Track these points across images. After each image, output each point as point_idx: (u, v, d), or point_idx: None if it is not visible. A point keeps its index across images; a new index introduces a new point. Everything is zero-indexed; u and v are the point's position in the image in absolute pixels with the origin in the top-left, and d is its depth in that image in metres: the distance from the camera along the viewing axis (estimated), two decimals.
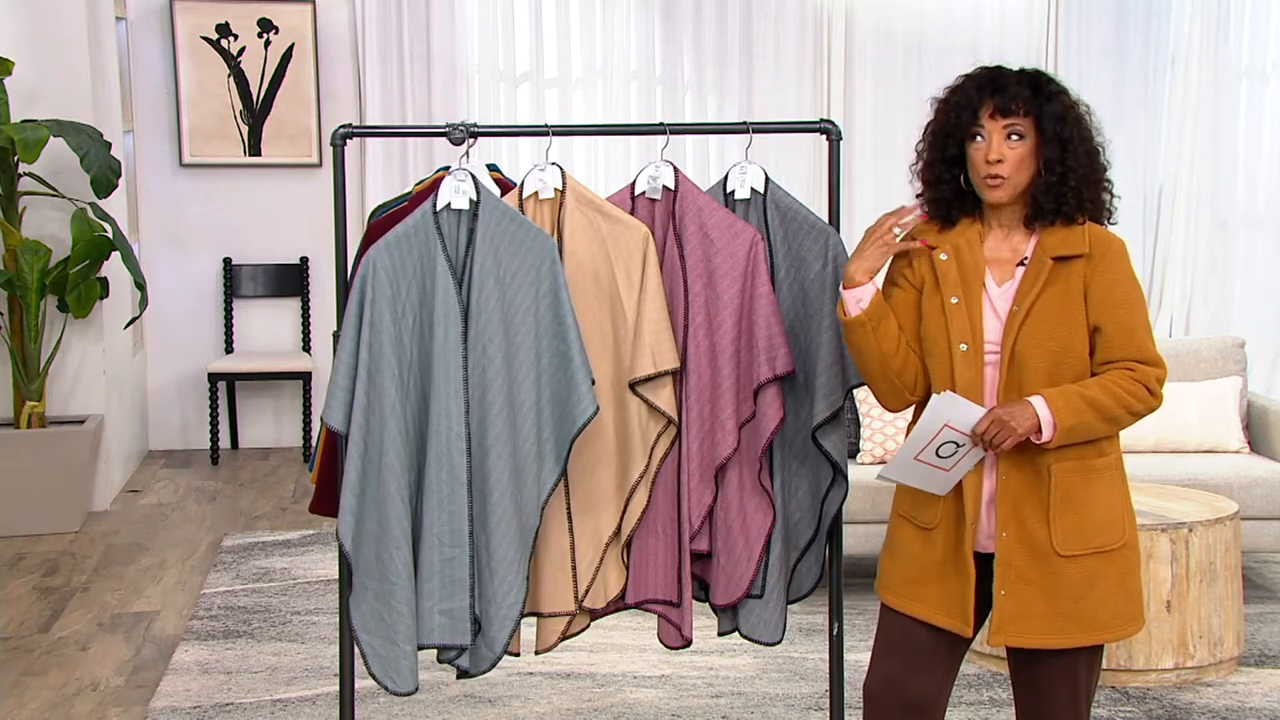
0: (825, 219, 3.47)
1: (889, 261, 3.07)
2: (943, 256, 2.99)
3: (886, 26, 8.20)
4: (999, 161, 2.90)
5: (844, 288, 3.01)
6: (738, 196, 3.46)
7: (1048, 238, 2.93)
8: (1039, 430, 2.84)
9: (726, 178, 3.49)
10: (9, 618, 5.24)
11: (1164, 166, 8.34)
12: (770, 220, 3.45)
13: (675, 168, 3.43)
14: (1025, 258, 2.94)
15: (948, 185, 3.00)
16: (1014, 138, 2.91)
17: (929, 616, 3.01)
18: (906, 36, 8.20)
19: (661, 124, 3.55)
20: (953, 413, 2.87)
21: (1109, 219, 3.00)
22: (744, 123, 3.49)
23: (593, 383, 3.25)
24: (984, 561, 2.99)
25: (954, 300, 2.95)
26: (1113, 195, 2.99)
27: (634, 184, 3.45)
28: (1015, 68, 2.99)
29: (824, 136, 3.50)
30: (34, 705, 4.43)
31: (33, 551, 6.08)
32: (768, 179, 3.47)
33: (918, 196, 3.07)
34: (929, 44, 8.17)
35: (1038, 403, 2.84)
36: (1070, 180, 2.90)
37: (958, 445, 2.89)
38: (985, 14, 8.26)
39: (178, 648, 4.87)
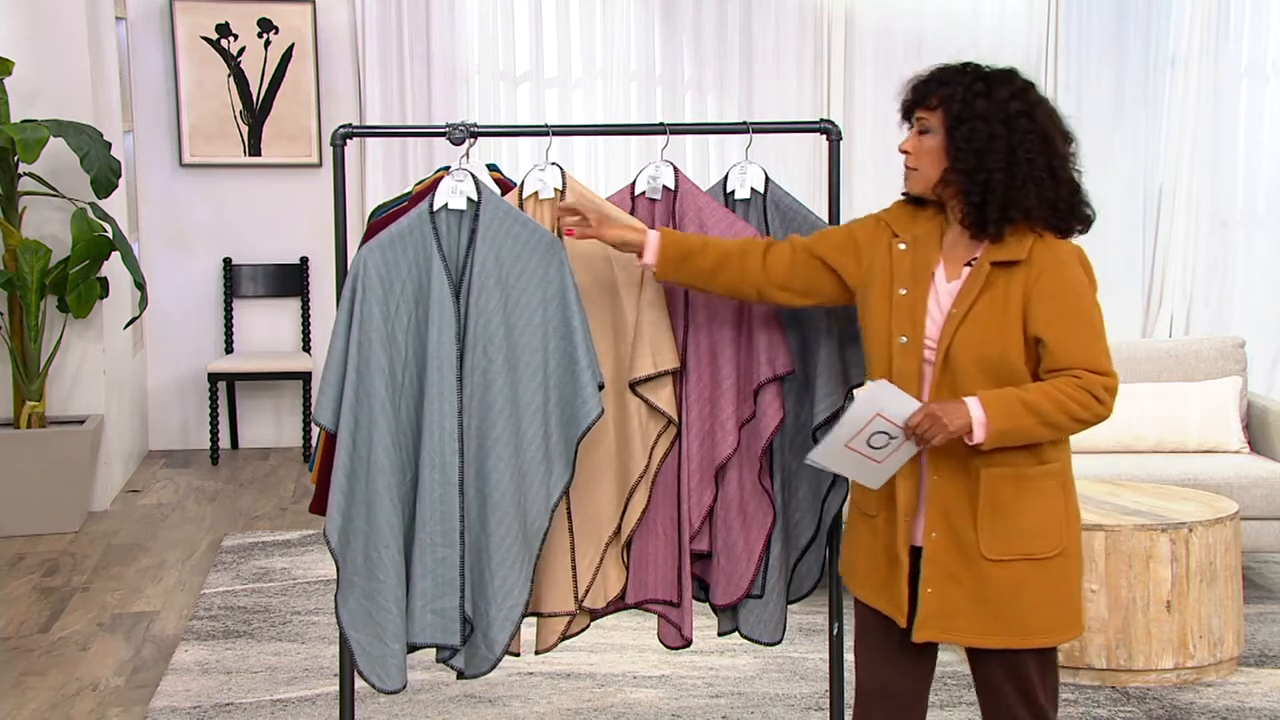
0: (825, 219, 3.47)
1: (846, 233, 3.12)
2: (901, 246, 3.00)
3: (886, 26, 8.20)
4: (906, 152, 2.95)
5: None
6: (738, 196, 3.46)
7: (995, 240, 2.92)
8: (971, 430, 2.83)
9: (726, 178, 3.49)
10: (9, 618, 5.24)
11: (1164, 166, 8.33)
12: (770, 220, 3.45)
13: (675, 168, 3.43)
14: (974, 258, 2.93)
15: None
16: (923, 132, 2.93)
17: (873, 601, 3.06)
18: (906, 36, 8.20)
19: (661, 124, 3.55)
20: (887, 402, 2.87)
21: (1081, 229, 2.93)
22: (744, 123, 3.49)
23: (601, 386, 3.25)
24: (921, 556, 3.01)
25: (902, 292, 2.96)
26: (1083, 204, 2.92)
27: (634, 184, 3.45)
28: (966, 64, 2.95)
29: (824, 136, 3.51)
30: (34, 705, 4.43)
31: (33, 551, 6.08)
32: (768, 179, 3.47)
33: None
34: (929, 44, 8.16)
35: (972, 403, 2.83)
36: (991, 200, 2.85)
37: (889, 437, 2.89)
38: (985, 14, 8.26)
39: (178, 648, 4.87)
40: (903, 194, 3.05)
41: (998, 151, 2.84)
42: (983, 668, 3.02)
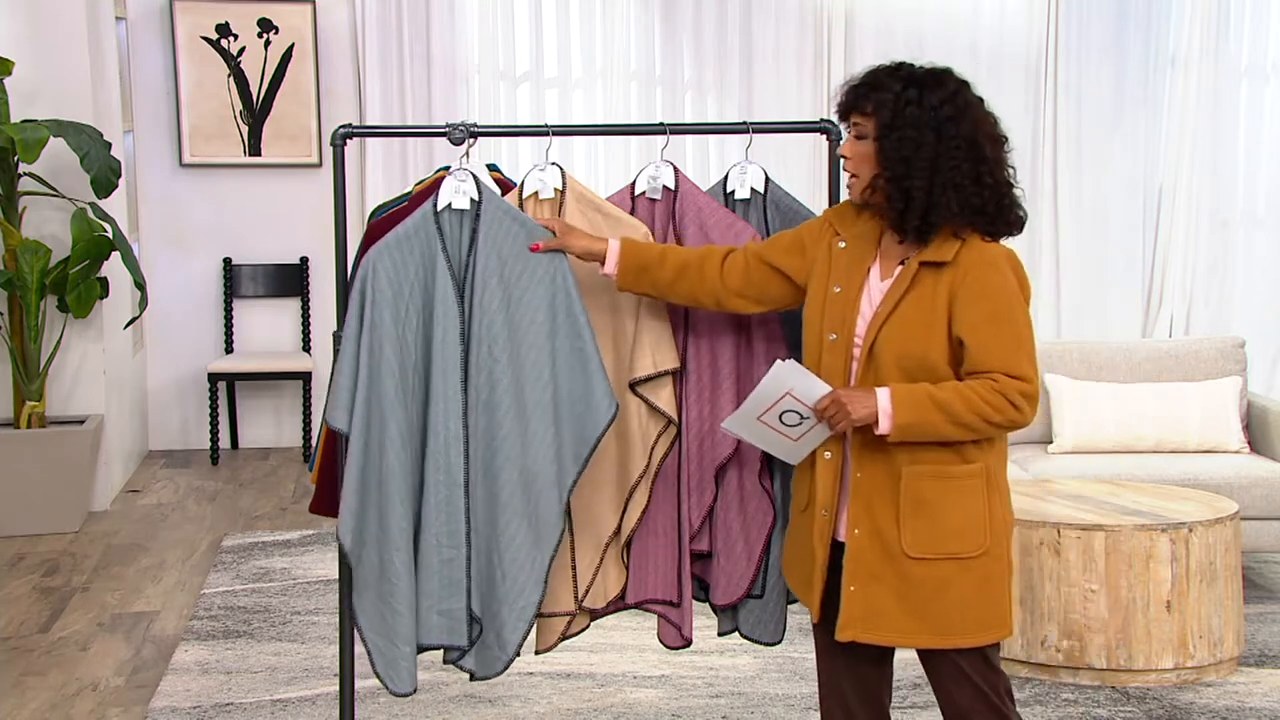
0: None
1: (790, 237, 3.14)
2: (841, 245, 3.02)
3: (886, 26, 8.20)
4: (847, 159, 2.95)
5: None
6: (738, 196, 3.46)
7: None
8: (877, 420, 2.85)
9: (726, 178, 3.49)
10: (9, 618, 5.24)
11: (1164, 166, 8.33)
12: (770, 220, 3.45)
13: (675, 168, 3.43)
14: (907, 257, 2.94)
15: None
16: (860, 138, 2.93)
17: (797, 592, 3.13)
18: (906, 36, 8.20)
19: (661, 124, 3.55)
20: (795, 382, 2.89)
21: (1012, 232, 2.93)
22: (744, 123, 3.50)
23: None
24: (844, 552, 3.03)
25: (836, 289, 2.98)
26: (1014, 207, 2.91)
27: (634, 184, 3.45)
28: (900, 65, 2.94)
29: (824, 136, 3.51)
30: (34, 705, 4.43)
31: (33, 551, 6.08)
32: (768, 179, 3.47)
33: None
34: (929, 44, 8.16)
35: (881, 394, 2.85)
36: (912, 209, 2.86)
37: (801, 416, 2.92)
38: (985, 14, 8.26)
39: (178, 648, 4.87)
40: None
41: (923, 159, 2.84)
42: (930, 669, 3.04)
